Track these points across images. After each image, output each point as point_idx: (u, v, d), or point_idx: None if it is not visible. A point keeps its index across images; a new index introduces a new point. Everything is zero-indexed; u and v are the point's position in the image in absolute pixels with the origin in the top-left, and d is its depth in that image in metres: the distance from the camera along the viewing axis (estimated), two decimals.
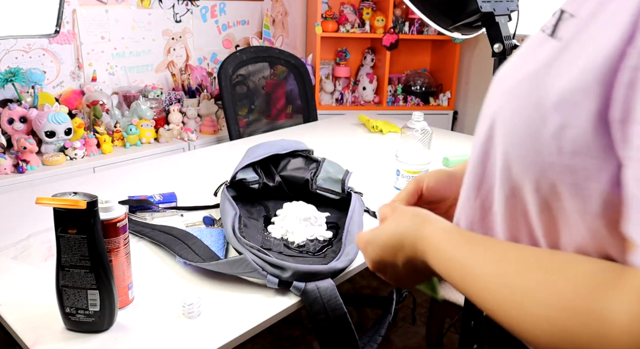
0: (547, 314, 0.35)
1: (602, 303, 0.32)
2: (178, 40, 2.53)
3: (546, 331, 0.35)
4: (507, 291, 0.39)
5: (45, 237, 1.01)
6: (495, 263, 0.41)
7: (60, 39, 2.12)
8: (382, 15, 2.91)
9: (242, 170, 1.17)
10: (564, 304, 0.35)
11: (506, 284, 0.39)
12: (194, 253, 0.93)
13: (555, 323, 0.35)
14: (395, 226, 0.53)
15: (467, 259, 0.44)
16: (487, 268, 0.42)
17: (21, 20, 1.66)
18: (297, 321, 1.92)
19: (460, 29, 1.07)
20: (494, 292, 0.40)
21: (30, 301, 0.81)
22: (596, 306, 0.33)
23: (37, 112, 1.85)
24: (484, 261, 0.43)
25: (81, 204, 0.67)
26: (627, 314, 0.31)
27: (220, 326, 0.77)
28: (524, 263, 0.40)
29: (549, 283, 0.36)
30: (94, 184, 1.38)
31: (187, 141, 2.23)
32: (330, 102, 3.03)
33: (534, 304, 0.36)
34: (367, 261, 0.58)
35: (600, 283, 0.34)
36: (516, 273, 0.39)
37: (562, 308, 0.35)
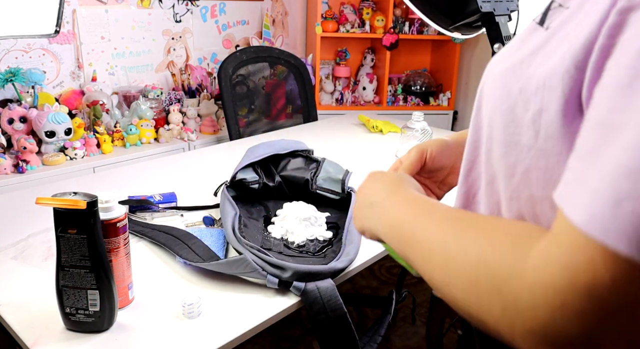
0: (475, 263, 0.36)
1: (525, 245, 0.33)
2: (178, 40, 2.53)
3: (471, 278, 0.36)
4: (443, 247, 0.40)
5: (45, 237, 1.01)
6: (435, 223, 0.43)
7: (60, 39, 2.12)
8: (382, 15, 2.91)
9: (242, 170, 1.17)
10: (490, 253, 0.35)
11: (443, 242, 0.40)
12: (194, 253, 0.93)
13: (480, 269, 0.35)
14: (372, 187, 0.57)
15: (411, 222, 0.46)
16: (426, 229, 0.43)
17: (21, 20, 1.66)
18: (297, 321, 1.92)
19: (460, 29, 1.07)
20: (429, 249, 0.41)
21: (30, 301, 0.81)
22: (519, 248, 0.34)
23: (37, 112, 1.85)
24: (425, 223, 0.44)
25: (81, 204, 0.67)
26: (540, 251, 0.32)
27: (220, 326, 0.77)
28: (462, 222, 0.41)
29: (482, 234, 0.38)
30: (94, 184, 1.38)
31: (187, 141, 2.23)
32: (330, 102, 3.03)
33: (464, 252, 0.37)
34: None
35: (528, 232, 0.35)
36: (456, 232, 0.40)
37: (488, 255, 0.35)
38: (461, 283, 0.37)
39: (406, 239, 0.45)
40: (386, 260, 1.04)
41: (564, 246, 0.30)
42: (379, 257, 1.03)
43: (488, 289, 0.34)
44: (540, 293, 0.30)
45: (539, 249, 0.32)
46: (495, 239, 0.36)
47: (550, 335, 0.30)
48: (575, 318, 0.29)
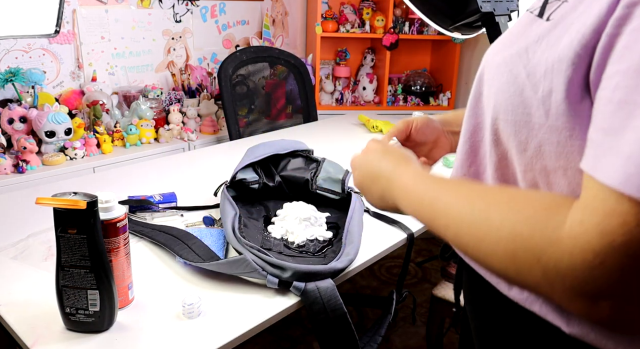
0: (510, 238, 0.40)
1: (558, 216, 0.37)
2: (178, 40, 2.53)
3: (508, 253, 0.40)
4: (472, 222, 0.43)
5: (45, 237, 1.01)
6: (461, 200, 0.46)
7: (60, 39, 2.12)
8: (382, 15, 2.91)
9: (242, 170, 1.17)
10: (523, 226, 0.39)
11: (472, 217, 0.44)
12: (194, 253, 0.93)
13: (515, 243, 0.39)
14: (379, 160, 0.62)
15: (435, 198, 0.49)
16: (453, 205, 0.46)
17: (21, 20, 1.66)
18: (297, 321, 1.92)
19: (460, 29, 1.07)
20: (460, 225, 0.45)
21: (30, 301, 0.81)
22: (552, 218, 0.38)
23: (37, 112, 1.84)
24: (450, 199, 0.47)
25: (81, 204, 0.67)
26: (575, 220, 0.36)
27: (220, 326, 0.77)
28: (487, 197, 0.44)
29: (511, 208, 0.41)
30: (94, 184, 1.38)
31: (187, 141, 2.23)
32: (330, 102, 3.03)
33: (496, 228, 0.41)
34: (354, 180, 0.68)
35: (557, 203, 0.39)
36: (483, 206, 0.44)
37: (521, 229, 0.39)
38: (498, 256, 0.41)
39: (429, 216, 0.49)
40: (386, 260, 1.04)
41: (598, 214, 0.34)
42: (379, 258, 1.03)
43: (527, 260, 0.38)
44: (579, 256, 0.34)
45: (573, 219, 0.36)
46: (527, 213, 0.40)
47: (591, 291, 0.35)
48: (613, 273, 0.33)
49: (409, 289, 1.11)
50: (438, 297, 1.44)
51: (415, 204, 0.53)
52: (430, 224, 0.50)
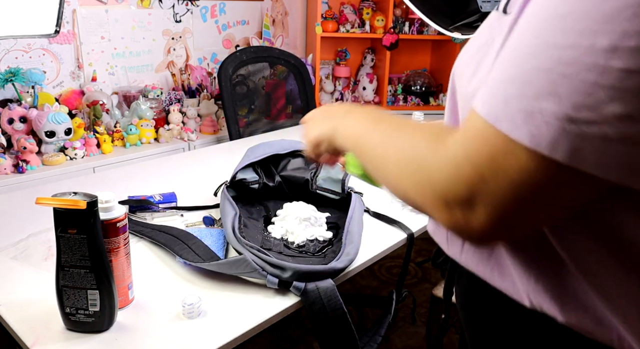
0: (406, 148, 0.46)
1: (447, 132, 0.43)
2: (178, 40, 2.53)
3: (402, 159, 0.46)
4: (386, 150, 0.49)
5: (45, 237, 1.01)
6: (378, 132, 0.53)
7: (60, 39, 2.12)
8: (382, 15, 2.91)
9: (242, 170, 1.17)
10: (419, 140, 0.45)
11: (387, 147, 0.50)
12: (194, 253, 0.93)
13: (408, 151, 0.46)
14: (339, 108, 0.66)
15: (367, 129, 0.55)
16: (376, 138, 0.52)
17: (21, 20, 1.66)
18: (297, 321, 1.92)
19: (460, 29, 1.07)
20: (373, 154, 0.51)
21: (30, 301, 0.81)
22: (442, 134, 0.43)
23: (37, 112, 1.85)
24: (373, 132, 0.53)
25: (81, 204, 0.67)
26: (453, 137, 0.41)
27: (220, 326, 0.77)
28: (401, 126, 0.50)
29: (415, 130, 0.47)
30: (94, 184, 1.38)
31: (187, 141, 2.23)
32: (330, 102, 3.03)
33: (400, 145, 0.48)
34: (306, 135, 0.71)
35: (445, 128, 0.45)
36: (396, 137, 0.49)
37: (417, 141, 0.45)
38: (396, 167, 0.47)
39: (361, 147, 0.55)
40: (386, 260, 1.04)
41: (466, 132, 0.40)
42: (379, 258, 1.03)
43: (413, 166, 0.44)
44: (445, 164, 0.41)
45: (451, 136, 0.42)
46: (424, 131, 0.46)
47: (447, 197, 0.40)
48: (463, 181, 0.39)
49: (409, 289, 1.11)
50: (438, 297, 1.44)
51: (350, 138, 0.59)
52: (357, 152, 0.56)
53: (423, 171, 0.43)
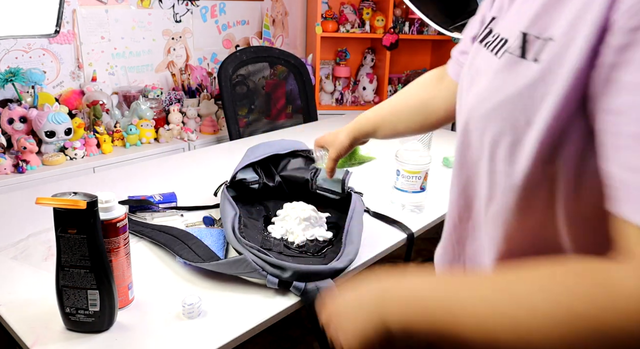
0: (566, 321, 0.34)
1: (608, 281, 0.33)
2: (178, 40, 2.53)
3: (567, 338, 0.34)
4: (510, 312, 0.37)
5: (45, 237, 1.01)
6: (487, 291, 0.39)
7: (60, 39, 2.12)
8: (382, 15, 2.91)
9: (242, 170, 1.17)
10: (577, 303, 0.34)
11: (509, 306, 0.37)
12: (194, 253, 0.93)
13: (574, 324, 0.34)
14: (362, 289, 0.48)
15: (451, 296, 0.41)
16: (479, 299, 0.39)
17: (21, 20, 1.66)
18: (297, 321, 1.92)
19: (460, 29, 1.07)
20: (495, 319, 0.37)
21: (30, 301, 0.81)
22: (604, 286, 0.34)
23: (37, 112, 1.84)
24: (472, 293, 0.40)
25: (81, 204, 0.67)
26: (633, 282, 0.32)
27: (220, 326, 0.77)
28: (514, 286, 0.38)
29: (554, 296, 0.36)
30: (94, 184, 1.38)
31: (187, 141, 2.23)
32: (330, 102, 3.03)
33: (549, 321, 0.35)
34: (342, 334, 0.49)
35: (595, 268, 0.35)
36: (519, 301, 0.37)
37: (576, 306, 0.34)
38: (558, 346, 0.35)
39: (447, 320, 0.40)
40: (386, 260, 1.04)
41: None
42: (379, 258, 1.03)
43: (594, 340, 0.33)
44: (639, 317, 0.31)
45: (630, 281, 0.32)
46: (571, 289, 0.35)
47: None
48: None
49: None
50: None
51: (419, 313, 0.42)
52: (445, 332, 0.40)
53: (608, 332, 0.33)
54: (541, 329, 0.35)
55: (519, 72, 0.42)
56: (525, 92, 0.41)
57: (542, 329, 0.35)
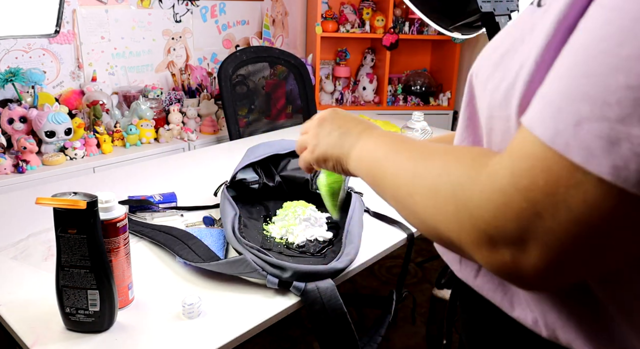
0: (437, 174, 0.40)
1: (484, 158, 0.38)
2: (178, 40, 2.53)
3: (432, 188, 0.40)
4: (413, 173, 0.44)
5: (45, 237, 1.01)
6: (409, 156, 0.46)
7: (60, 39, 2.12)
8: (382, 15, 2.91)
9: (242, 170, 1.17)
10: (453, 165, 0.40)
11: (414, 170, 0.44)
12: (194, 253, 0.93)
13: (441, 180, 0.40)
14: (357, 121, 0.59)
15: (386, 156, 0.49)
16: (400, 160, 0.47)
17: (21, 20, 1.66)
18: (297, 321, 1.92)
19: (460, 29, 1.07)
20: (402, 178, 0.45)
21: (30, 301, 0.81)
22: (479, 160, 0.38)
23: (37, 112, 1.85)
24: (398, 156, 0.47)
25: (81, 204, 0.67)
26: (495, 161, 0.36)
27: (220, 326, 0.77)
28: (432, 153, 0.44)
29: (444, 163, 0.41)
30: (94, 184, 1.38)
31: (187, 141, 2.23)
32: (330, 102, 3.03)
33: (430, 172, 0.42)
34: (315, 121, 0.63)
35: (485, 153, 0.40)
36: (424, 161, 0.44)
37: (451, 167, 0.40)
38: (425, 199, 0.41)
39: (379, 166, 0.49)
40: (386, 260, 1.04)
41: (516, 157, 0.34)
42: (379, 258, 1.03)
43: (446, 195, 0.38)
44: (488, 194, 0.35)
45: (494, 160, 0.36)
46: (459, 155, 0.41)
47: (492, 233, 0.35)
48: (512, 216, 0.33)
49: (408, 289, 1.11)
50: (438, 297, 1.44)
51: (365, 160, 0.53)
52: (373, 177, 0.51)
53: (460, 203, 0.37)
54: (423, 178, 0.42)
55: (528, 20, 0.42)
56: (526, 38, 0.40)
57: (424, 177, 0.42)
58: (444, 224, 0.39)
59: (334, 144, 0.58)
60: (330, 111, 0.62)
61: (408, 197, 0.43)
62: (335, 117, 0.61)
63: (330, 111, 0.62)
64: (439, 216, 0.39)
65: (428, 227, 0.42)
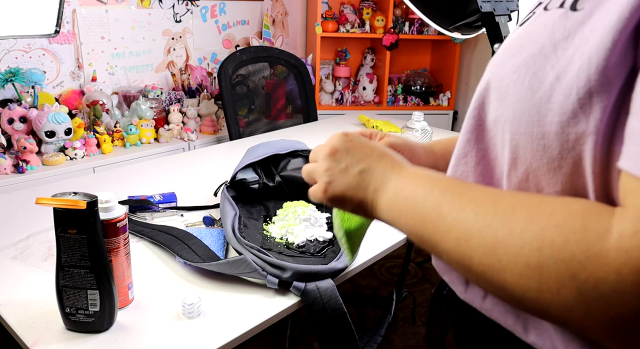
0: (537, 247, 0.33)
1: (599, 225, 0.31)
2: (178, 40, 2.53)
3: (532, 265, 0.33)
4: (484, 226, 0.36)
5: (45, 237, 1.01)
6: (469, 201, 0.38)
7: (60, 39, 2.12)
8: (382, 15, 2.91)
9: (242, 170, 1.17)
10: (556, 234, 0.32)
11: (484, 220, 0.36)
12: (194, 253, 0.93)
13: (544, 254, 0.32)
14: (378, 151, 0.50)
15: (436, 198, 0.41)
16: (458, 206, 0.38)
17: (21, 20, 1.66)
18: (297, 321, 1.92)
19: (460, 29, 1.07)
20: (466, 230, 0.37)
21: (30, 301, 0.81)
22: (592, 228, 0.31)
23: (37, 112, 1.85)
24: (456, 200, 0.39)
25: (81, 204, 0.67)
26: (623, 232, 0.30)
27: (220, 326, 0.77)
28: (506, 198, 0.37)
29: (539, 211, 0.34)
30: (94, 184, 1.38)
31: (187, 141, 2.23)
32: (330, 102, 3.03)
33: (518, 233, 0.34)
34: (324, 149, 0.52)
35: (595, 211, 0.32)
36: (500, 208, 0.36)
37: (554, 237, 0.32)
38: (516, 270, 0.33)
39: (428, 217, 0.40)
40: (386, 260, 1.04)
41: None
42: (379, 258, 1.03)
43: (556, 274, 0.31)
44: (632, 276, 0.28)
45: (621, 229, 0.30)
46: (559, 217, 0.33)
47: (627, 322, 0.29)
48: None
49: (408, 289, 1.11)
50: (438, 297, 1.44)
51: (408, 207, 0.43)
52: (423, 232, 0.41)
53: (585, 286, 0.30)
54: (511, 250, 0.34)
55: (560, 25, 0.38)
56: (560, 45, 0.37)
57: (512, 249, 0.34)
58: (557, 305, 0.32)
59: (355, 184, 0.48)
60: (342, 138, 0.52)
61: (488, 259, 0.35)
62: (350, 148, 0.50)
63: (342, 138, 0.52)
64: (545, 295, 0.32)
65: (524, 301, 0.34)
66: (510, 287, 0.34)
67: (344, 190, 0.49)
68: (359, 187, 0.48)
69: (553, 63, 0.37)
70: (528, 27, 0.42)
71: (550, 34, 0.38)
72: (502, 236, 0.35)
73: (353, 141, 0.51)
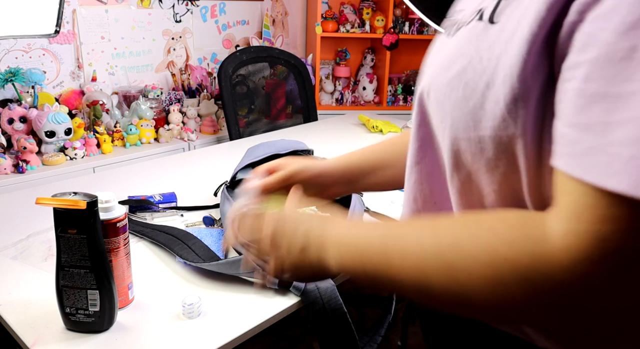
0: (489, 262, 0.36)
1: (536, 231, 0.35)
2: (178, 40, 2.53)
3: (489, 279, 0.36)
4: (439, 253, 0.39)
5: (45, 237, 1.01)
6: (417, 233, 0.42)
7: (60, 39, 2.12)
8: (382, 15, 2.91)
9: (242, 170, 1.17)
10: (501, 246, 0.36)
11: (438, 248, 0.39)
12: (194, 253, 0.93)
13: (497, 266, 0.36)
14: (302, 218, 0.54)
15: (383, 240, 0.44)
16: (408, 241, 0.41)
17: (21, 20, 1.66)
18: (297, 321, 1.92)
19: None
20: (422, 261, 0.40)
21: (30, 301, 0.81)
22: (531, 234, 0.35)
23: (37, 112, 1.85)
24: (404, 235, 0.42)
25: (81, 204, 0.67)
26: (561, 231, 0.33)
27: (220, 326, 0.77)
28: (448, 225, 0.41)
29: (480, 230, 0.38)
30: (94, 184, 1.38)
31: (187, 141, 2.23)
32: (330, 102, 3.03)
33: (470, 253, 0.37)
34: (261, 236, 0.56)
35: (530, 219, 0.36)
36: (447, 234, 0.40)
37: (501, 249, 0.36)
38: (481, 287, 0.36)
39: (379, 260, 0.43)
40: None
41: (590, 220, 0.32)
42: None
43: (514, 282, 0.35)
44: (575, 268, 0.32)
45: (559, 229, 0.33)
46: (499, 232, 0.37)
47: (589, 302, 0.33)
48: (612, 282, 0.32)
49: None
50: None
51: (355, 252, 0.46)
52: (377, 271, 0.44)
53: (529, 277, 0.34)
54: (466, 270, 0.37)
55: (484, 37, 0.41)
56: (485, 55, 0.40)
57: (467, 269, 0.37)
58: (519, 310, 0.36)
59: (302, 260, 0.52)
60: (272, 224, 0.55)
61: (447, 290, 0.38)
62: (279, 230, 0.53)
63: (272, 224, 0.55)
64: (508, 305, 0.36)
65: (490, 314, 0.40)
66: (473, 304, 0.38)
67: (297, 268, 0.53)
68: (305, 261, 0.51)
69: (481, 73, 0.40)
70: (457, 38, 0.46)
71: (475, 47, 0.41)
72: (452, 259, 0.38)
73: (279, 221, 0.54)
